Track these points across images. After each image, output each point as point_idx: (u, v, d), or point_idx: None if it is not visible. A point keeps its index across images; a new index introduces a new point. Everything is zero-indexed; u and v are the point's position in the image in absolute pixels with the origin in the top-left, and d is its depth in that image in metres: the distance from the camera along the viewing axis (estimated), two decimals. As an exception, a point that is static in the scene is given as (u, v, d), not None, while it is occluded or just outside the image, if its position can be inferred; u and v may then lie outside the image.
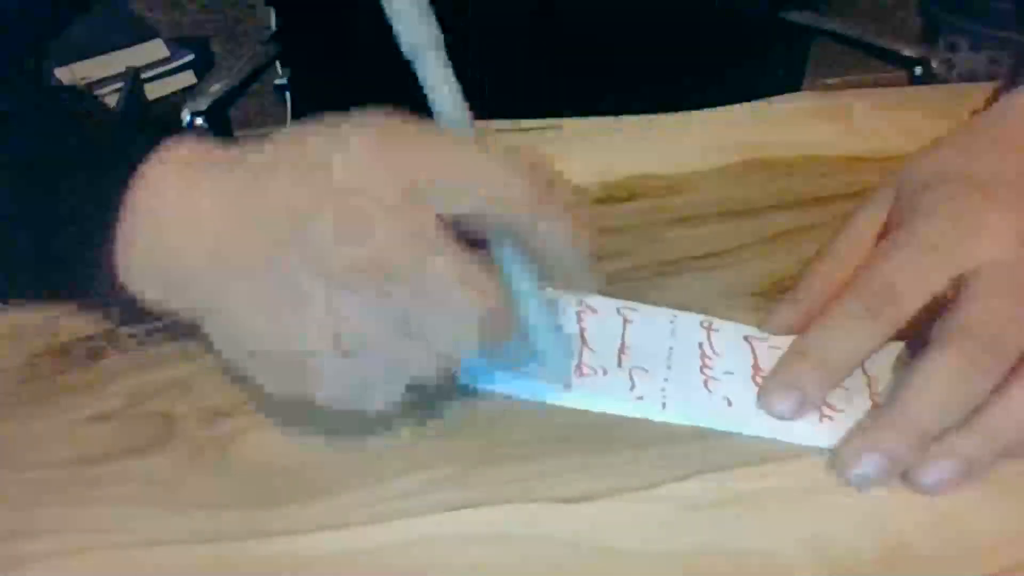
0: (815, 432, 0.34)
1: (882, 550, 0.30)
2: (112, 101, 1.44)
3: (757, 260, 0.42)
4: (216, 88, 0.84)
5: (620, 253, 0.43)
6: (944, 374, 0.32)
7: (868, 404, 0.35)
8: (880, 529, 0.31)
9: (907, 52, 0.83)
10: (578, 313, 0.39)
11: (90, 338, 0.38)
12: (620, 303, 0.39)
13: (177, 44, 1.62)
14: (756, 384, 0.36)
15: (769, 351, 0.37)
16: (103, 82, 1.48)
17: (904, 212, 0.38)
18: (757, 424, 0.34)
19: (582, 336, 0.38)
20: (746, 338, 0.38)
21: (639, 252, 0.43)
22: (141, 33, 1.58)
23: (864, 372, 0.36)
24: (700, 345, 0.38)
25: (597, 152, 0.51)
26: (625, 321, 0.39)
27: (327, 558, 0.30)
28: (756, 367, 0.37)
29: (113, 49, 1.52)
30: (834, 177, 0.48)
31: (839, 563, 0.30)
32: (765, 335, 0.38)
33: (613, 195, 0.48)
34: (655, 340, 0.38)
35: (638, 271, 0.42)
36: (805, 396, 0.34)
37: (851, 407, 0.35)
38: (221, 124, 0.84)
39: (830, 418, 0.34)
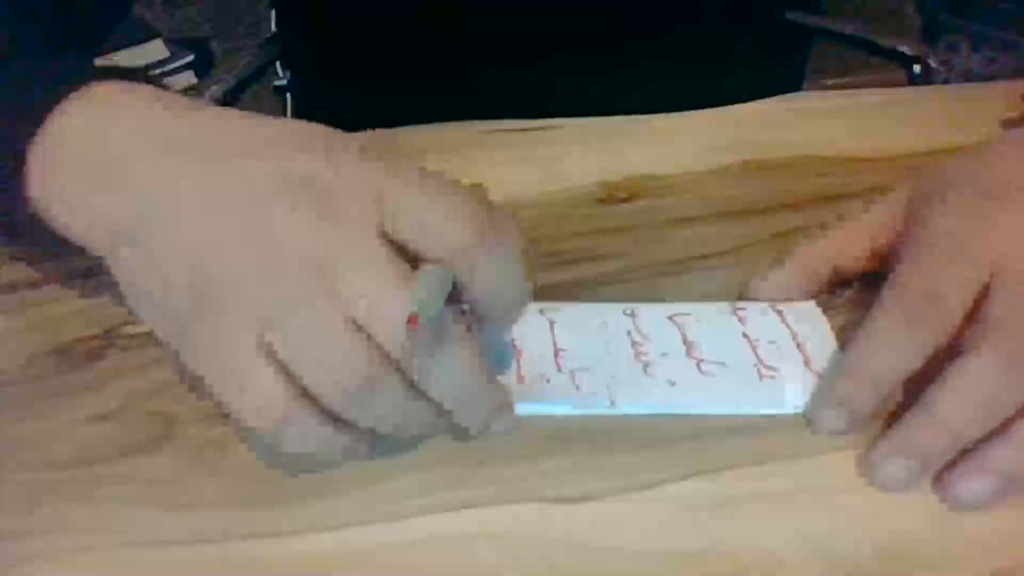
0: (759, 396, 0.35)
1: (882, 550, 0.30)
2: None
3: (757, 260, 0.42)
4: (216, 88, 0.84)
5: (620, 253, 0.43)
6: (979, 372, 0.31)
7: (800, 359, 0.36)
8: (880, 529, 0.31)
9: (906, 50, 0.84)
10: None
11: (90, 338, 0.38)
12: (541, 304, 0.39)
13: (177, 44, 1.62)
14: (692, 359, 0.36)
15: (695, 324, 0.38)
16: (103, 82, 1.48)
17: (918, 215, 0.37)
18: (704, 402, 0.35)
19: (514, 345, 0.37)
20: (670, 317, 0.39)
21: (639, 252, 0.44)
22: (141, 33, 1.58)
23: (789, 328, 0.38)
24: (628, 333, 0.38)
25: (597, 152, 0.51)
26: (551, 323, 0.38)
27: (327, 558, 0.30)
28: (687, 343, 0.37)
29: (113, 50, 1.50)
30: (834, 177, 0.48)
31: (839, 563, 0.30)
32: (688, 311, 0.39)
33: (613, 195, 0.48)
34: (586, 337, 0.38)
35: (638, 271, 0.42)
36: (855, 413, 0.33)
37: (786, 365, 0.36)
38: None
39: (771, 378, 0.36)
